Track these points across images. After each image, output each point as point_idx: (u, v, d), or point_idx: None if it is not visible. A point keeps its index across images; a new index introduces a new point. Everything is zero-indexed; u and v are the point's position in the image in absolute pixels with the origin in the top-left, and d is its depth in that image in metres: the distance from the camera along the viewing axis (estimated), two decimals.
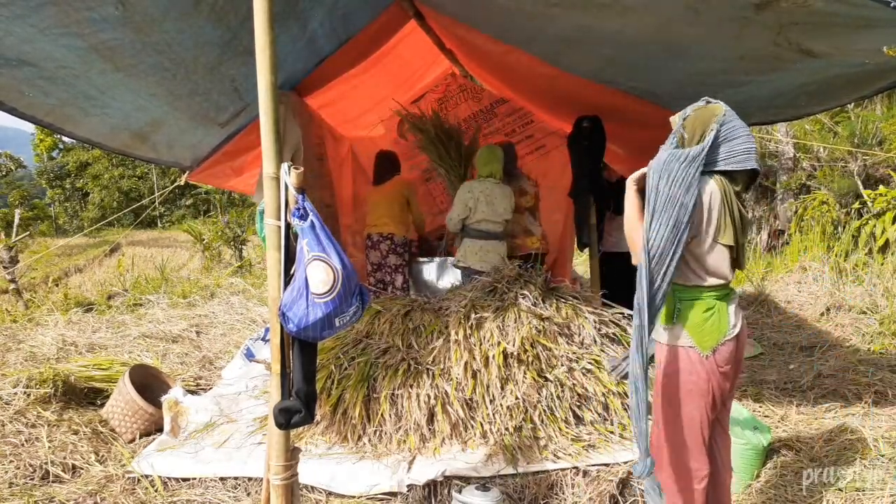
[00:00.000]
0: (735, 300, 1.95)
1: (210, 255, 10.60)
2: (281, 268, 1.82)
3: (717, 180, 1.83)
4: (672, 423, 1.92)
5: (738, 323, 1.90)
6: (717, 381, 1.86)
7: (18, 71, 2.24)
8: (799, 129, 8.40)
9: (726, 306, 1.89)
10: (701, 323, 1.86)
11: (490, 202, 3.83)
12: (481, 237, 3.86)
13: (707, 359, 1.85)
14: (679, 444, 1.92)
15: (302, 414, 1.83)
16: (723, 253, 1.87)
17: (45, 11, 1.98)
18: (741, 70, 2.73)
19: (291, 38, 2.99)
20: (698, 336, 1.85)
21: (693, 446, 1.90)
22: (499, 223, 3.88)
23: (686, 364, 1.87)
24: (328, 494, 2.56)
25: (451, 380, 2.92)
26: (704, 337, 1.85)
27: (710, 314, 1.86)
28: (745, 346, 1.99)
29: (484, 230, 3.86)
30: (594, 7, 2.42)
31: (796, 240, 7.03)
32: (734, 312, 1.91)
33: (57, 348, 4.35)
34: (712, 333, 1.85)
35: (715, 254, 1.86)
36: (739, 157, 1.81)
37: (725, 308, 1.88)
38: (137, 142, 3.24)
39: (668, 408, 1.93)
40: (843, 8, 1.86)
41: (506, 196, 3.90)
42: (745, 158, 1.81)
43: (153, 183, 25.16)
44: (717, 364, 1.85)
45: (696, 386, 1.86)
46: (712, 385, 1.86)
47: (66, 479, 2.75)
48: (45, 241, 14.38)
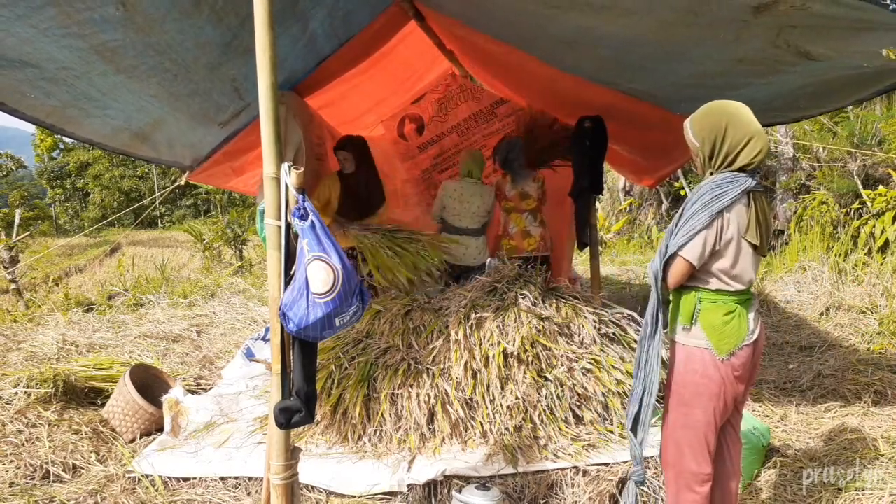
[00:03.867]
0: (755, 306, 1.93)
1: (210, 255, 10.60)
2: (281, 268, 1.82)
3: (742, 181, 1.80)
4: (678, 423, 1.92)
5: (756, 329, 1.89)
6: (731, 385, 1.85)
7: (20, 72, 2.24)
8: (798, 130, 8.40)
9: (746, 312, 1.87)
10: (721, 326, 1.84)
11: (462, 200, 4.19)
12: (456, 232, 4.21)
13: (723, 362, 1.83)
14: (683, 445, 1.92)
15: (302, 414, 1.83)
16: (748, 256, 1.84)
17: (46, 12, 1.98)
18: (740, 72, 2.73)
19: (291, 39, 2.99)
20: (716, 338, 1.83)
21: (697, 448, 1.89)
22: (472, 219, 4.21)
23: (700, 366, 1.86)
24: (328, 494, 2.56)
25: (451, 380, 2.92)
26: (722, 340, 1.83)
27: (731, 318, 1.84)
28: (762, 353, 1.98)
29: (457, 226, 4.21)
30: (594, 9, 2.42)
31: (796, 240, 7.03)
32: (754, 319, 1.89)
33: (57, 348, 4.35)
34: (731, 337, 1.83)
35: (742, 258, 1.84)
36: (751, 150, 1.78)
37: (746, 313, 1.86)
38: (138, 142, 3.24)
39: (676, 407, 1.92)
40: (842, 11, 1.86)
41: (480, 195, 4.22)
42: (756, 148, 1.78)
43: (154, 183, 25.14)
44: (732, 368, 1.84)
45: (706, 388, 1.85)
46: (725, 389, 1.84)
47: (67, 478, 2.75)
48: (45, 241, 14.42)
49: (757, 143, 1.76)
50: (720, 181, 1.79)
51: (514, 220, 4.26)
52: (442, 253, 3.99)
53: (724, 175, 1.80)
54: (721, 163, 1.81)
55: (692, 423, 1.89)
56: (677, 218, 1.84)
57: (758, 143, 1.76)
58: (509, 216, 4.28)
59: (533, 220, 4.26)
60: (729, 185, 1.77)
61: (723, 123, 1.79)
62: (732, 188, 1.76)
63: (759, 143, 1.76)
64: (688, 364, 1.88)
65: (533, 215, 4.27)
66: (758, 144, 1.76)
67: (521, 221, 4.24)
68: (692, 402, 1.87)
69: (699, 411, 1.87)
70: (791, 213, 8.10)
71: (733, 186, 1.77)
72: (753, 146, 1.76)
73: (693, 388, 1.87)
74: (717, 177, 1.81)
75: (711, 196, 1.77)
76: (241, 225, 11.27)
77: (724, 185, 1.77)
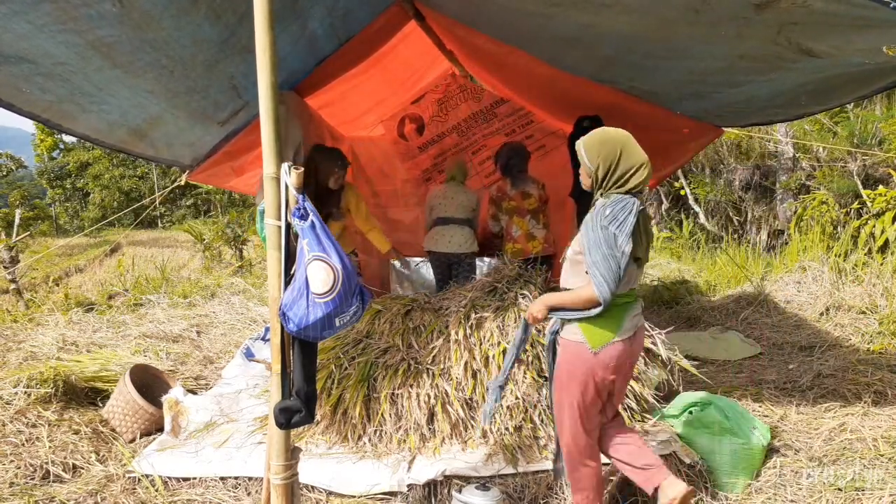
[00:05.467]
0: (637, 310, 2.17)
1: (210, 255, 10.59)
2: (281, 268, 1.82)
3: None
4: (559, 405, 2.24)
5: (633, 328, 2.13)
6: (601, 374, 2.10)
7: (16, 67, 2.24)
8: (798, 129, 8.40)
9: (623, 313, 2.10)
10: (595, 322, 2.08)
11: (447, 197, 4.43)
12: (442, 222, 4.39)
13: (595, 354, 2.08)
14: (561, 423, 2.25)
15: (302, 414, 1.83)
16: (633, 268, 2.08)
17: (43, 8, 1.97)
18: (741, 70, 2.73)
19: (291, 37, 2.99)
20: (589, 334, 2.09)
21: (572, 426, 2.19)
22: (458, 210, 4.39)
23: (574, 356, 2.13)
24: (328, 494, 2.56)
25: (451, 380, 2.92)
26: (595, 335, 2.08)
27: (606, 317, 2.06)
28: (640, 351, 2.27)
29: (443, 216, 4.40)
30: (594, 7, 2.42)
31: (796, 240, 7.03)
32: (631, 319, 2.12)
33: (57, 348, 4.35)
34: (603, 333, 2.08)
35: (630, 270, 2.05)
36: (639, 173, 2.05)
37: (622, 314, 2.10)
38: (135, 139, 3.23)
39: (557, 392, 2.24)
40: (843, 8, 1.86)
41: (465, 193, 4.47)
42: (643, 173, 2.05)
43: (154, 183, 25.14)
44: (603, 360, 2.08)
45: (575, 377, 2.13)
46: (595, 378, 2.10)
47: (67, 478, 2.75)
48: (45, 241, 14.42)
49: (645, 169, 2.05)
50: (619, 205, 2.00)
51: (517, 224, 4.24)
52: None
53: (618, 197, 2.03)
54: (613, 184, 2.06)
55: (567, 405, 2.17)
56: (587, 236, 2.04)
57: (645, 170, 2.05)
58: (511, 219, 4.26)
59: (536, 222, 4.25)
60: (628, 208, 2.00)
61: (618, 150, 2.05)
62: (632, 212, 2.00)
63: (646, 170, 2.05)
64: (564, 354, 2.17)
65: (535, 217, 4.25)
66: (645, 171, 2.05)
67: (524, 224, 4.22)
68: (566, 388, 2.17)
69: (572, 395, 2.15)
70: (791, 213, 8.10)
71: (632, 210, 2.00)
72: (642, 172, 2.04)
73: (567, 375, 2.16)
74: (613, 199, 2.03)
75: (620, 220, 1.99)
76: (241, 225, 11.26)
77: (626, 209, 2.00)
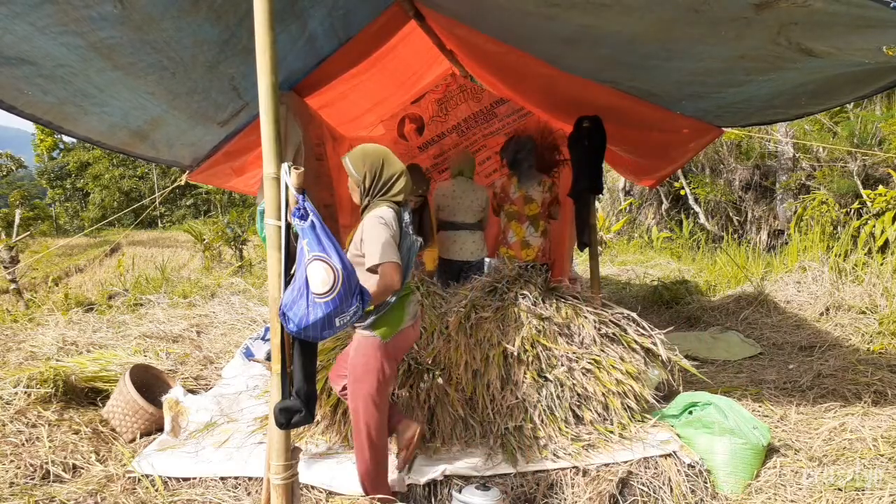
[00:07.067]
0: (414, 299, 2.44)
1: (210, 255, 10.60)
2: (281, 268, 1.82)
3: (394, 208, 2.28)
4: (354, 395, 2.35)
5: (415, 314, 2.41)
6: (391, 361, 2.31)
7: (17, 69, 2.24)
8: (798, 129, 8.40)
9: (405, 304, 2.34)
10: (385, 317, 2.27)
11: (455, 197, 4.21)
12: (452, 228, 4.23)
13: (386, 345, 2.27)
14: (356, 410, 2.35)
15: (302, 413, 1.83)
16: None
17: (44, 9, 1.98)
18: (741, 70, 2.73)
19: (291, 38, 2.99)
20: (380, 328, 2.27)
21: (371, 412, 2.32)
22: (467, 213, 4.21)
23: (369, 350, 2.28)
24: (328, 494, 2.56)
25: (451, 380, 2.92)
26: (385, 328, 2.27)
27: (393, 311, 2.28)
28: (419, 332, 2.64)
29: (452, 220, 4.23)
30: (594, 7, 2.42)
31: (796, 240, 7.03)
32: (412, 307, 2.39)
33: (57, 348, 4.35)
34: (392, 325, 2.28)
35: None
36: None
37: (404, 305, 2.34)
38: (137, 140, 3.23)
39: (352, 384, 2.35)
40: (843, 8, 1.86)
41: (473, 190, 4.24)
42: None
43: (154, 183, 25.15)
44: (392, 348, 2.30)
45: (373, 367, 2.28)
46: (384, 365, 2.29)
47: (67, 478, 2.74)
48: (45, 241, 14.40)
49: (403, 177, 2.31)
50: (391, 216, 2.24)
51: (514, 229, 4.16)
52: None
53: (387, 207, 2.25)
54: (379, 191, 2.28)
55: (363, 394, 2.30)
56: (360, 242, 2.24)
57: (404, 178, 2.31)
58: (510, 223, 4.17)
59: (534, 230, 4.15)
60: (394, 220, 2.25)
61: (380, 160, 2.28)
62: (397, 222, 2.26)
63: (404, 179, 2.31)
64: (359, 349, 2.31)
65: (534, 225, 4.15)
66: (404, 179, 2.31)
67: (520, 231, 4.14)
68: (362, 378, 2.30)
69: (367, 385, 2.29)
70: (791, 213, 8.11)
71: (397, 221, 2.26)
72: (402, 180, 2.30)
73: (363, 367, 2.29)
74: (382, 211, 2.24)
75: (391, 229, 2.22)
76: (241, 225, 11.27)
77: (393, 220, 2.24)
